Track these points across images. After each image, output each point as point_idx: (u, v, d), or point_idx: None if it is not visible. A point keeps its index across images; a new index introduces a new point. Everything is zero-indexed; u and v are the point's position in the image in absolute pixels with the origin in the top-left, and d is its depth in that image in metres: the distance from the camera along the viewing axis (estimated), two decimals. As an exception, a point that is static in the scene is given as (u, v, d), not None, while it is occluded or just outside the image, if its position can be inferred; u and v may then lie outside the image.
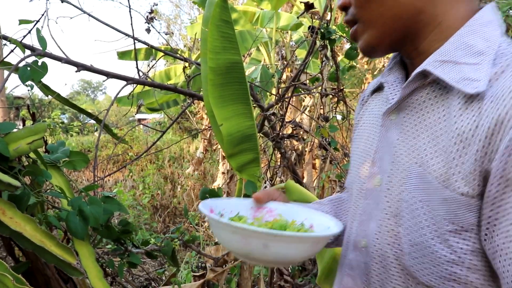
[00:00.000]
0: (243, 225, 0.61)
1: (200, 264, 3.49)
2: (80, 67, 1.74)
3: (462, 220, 0.54)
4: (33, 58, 1.49)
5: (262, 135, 2.21)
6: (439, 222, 0.56)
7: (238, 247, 0.62)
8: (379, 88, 0.79)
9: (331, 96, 2.58)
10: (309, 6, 1.97)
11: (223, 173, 4.33)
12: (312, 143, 3.63)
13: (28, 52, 1.56)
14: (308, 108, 3.88)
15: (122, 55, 5.30)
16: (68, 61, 1.73)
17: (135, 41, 2.04)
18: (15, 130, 1.30)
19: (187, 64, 2.27)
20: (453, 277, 0.56)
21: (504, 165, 0.48)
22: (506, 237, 0.49)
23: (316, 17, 2.05)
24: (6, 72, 1.56)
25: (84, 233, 1.28)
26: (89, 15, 1.94)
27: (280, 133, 2.12)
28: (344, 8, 0.68)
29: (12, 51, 1.55)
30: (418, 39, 0.64)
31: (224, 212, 0.76)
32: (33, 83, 1.56)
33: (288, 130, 2.92)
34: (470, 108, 0.54)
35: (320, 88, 2.40)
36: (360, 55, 2.48)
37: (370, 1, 0.63)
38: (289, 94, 2.28)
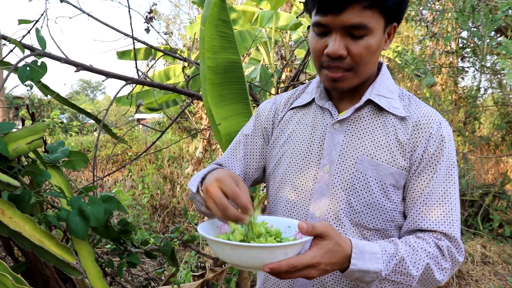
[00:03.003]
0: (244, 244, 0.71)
1: (199, 264, 3.49)
2: (80, 67, 1.74)
3: (399, 183, 0.94)
4: (32, 58, 1.49)
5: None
6: (385, 187, 0.93)
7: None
8: (302, 106, 1.09)
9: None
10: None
11: (222, 172, 4.32)
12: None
13: (27, 52, 1.57)
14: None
15: (122, 55, 5.30)
16: (67, 61, 1.73)
17: (135, 41, 2.04)
18: (14, 130, 1.30)
19: (186, 64, 2.27)
20: (391, 219, 0.95)
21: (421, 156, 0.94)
22: (418, 193, 0.94)
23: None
24: (5, 72, 1.56)
25: (85, 233, 1.28)
26: (89, 15, 1.95)
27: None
28: (339, 57, 0.89)
29: (11, 51, 1.55)
30: (365, 82, 0.99)
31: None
32: (32, 83, 1.56)
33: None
34: (402, 125, 0.96)
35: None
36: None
37: (368, 62, 0.92)
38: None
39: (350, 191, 0.94)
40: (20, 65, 1.46)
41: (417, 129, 0.95)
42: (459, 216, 0.94)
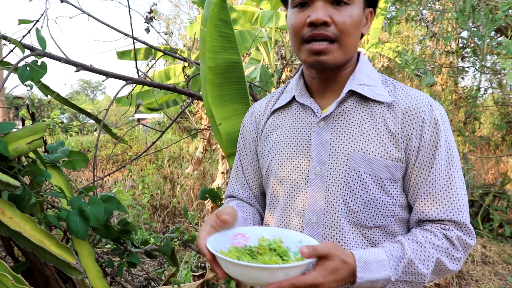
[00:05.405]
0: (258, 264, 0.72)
1: (199, 263, 3.49)
2: (80, 67, 1.74)
3: (395, 176, 0.89)
4: (32, 58, 1.49)
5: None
6: (381, 181, 0.89)
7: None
8: (283, 106, 1.03)
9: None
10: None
11: (222, 172, 4.33)
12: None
13: (27, 52, 1.56)
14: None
15: (122, 55, 5.30)
16: (67, 61, 1.73)
17: (135, 41, 2.04)
18: (14, 130, 1.30)
19: (186, 64, 2.27)
20: (391, 214, 0.91)
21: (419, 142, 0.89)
22: (419, 181, 0.90)
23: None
24: (5, 72, 1.56)
25: (85, 233, 1.28)
26: (89, 15, 1.95)
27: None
28: (324, 23, 0.85)
29: (11, 51, 1.55)
30: (346, 65, 0.94)
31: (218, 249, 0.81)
32: (32, 83, 1.56)
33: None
34: (390, 113, 0.91)
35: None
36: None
37: (352, 32, 0.88)
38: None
39: (345, 190, 0.89)
40: (20, 65, 1.46)
41: (408, 116, 0.90)
42: (466, 199, 0.90)
